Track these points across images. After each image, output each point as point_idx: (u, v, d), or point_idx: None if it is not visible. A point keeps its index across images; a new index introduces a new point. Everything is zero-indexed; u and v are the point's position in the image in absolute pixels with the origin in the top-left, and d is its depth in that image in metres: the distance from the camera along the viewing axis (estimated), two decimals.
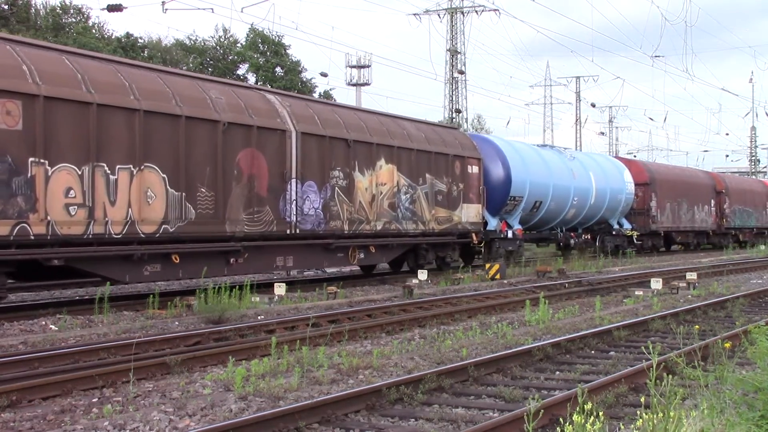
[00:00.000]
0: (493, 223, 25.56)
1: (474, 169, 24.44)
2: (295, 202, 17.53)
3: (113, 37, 49.58)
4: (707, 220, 41.76)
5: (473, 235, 24.22)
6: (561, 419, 6.26)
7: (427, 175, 22.23)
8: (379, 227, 20.19)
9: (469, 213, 24.03)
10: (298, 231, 17.66)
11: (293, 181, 17.53)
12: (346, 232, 19.15)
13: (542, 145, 32.60)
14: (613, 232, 33.39)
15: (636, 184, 34.88)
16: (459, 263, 24.03)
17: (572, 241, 31.46)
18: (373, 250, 20.21)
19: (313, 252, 18.54)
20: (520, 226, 26.87)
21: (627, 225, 34.38)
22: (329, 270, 23.31)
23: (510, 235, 26.15)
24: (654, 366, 5.53)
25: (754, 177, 66.93)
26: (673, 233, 38.66)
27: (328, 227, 18.54)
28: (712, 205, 42.63)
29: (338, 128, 19.21)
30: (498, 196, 25.70)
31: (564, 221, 30.08)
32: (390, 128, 21.35)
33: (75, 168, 13.21)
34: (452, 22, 54.56)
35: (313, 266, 20.03)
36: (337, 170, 18.96)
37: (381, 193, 20.33)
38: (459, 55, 54.71)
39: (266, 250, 17.11)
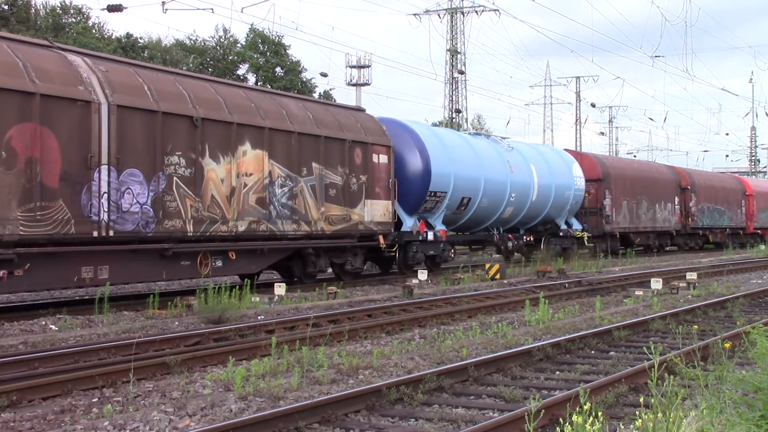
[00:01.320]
0: (408, 224, 22.04)
1: (382, 159, 20.79)
2: (106, 195, 13.72)
3: (113, 37, 49.60)
4: (670, 220, 38.07)
5: (380, 237, 20.62)
6: (561, 419, 6.27)
7: (315, 165, 18.49)
8: (242, 228, 16.40)
9: (375, 211, 20.39)
10: (111, 233, 13.85)
11: (104, 168, 13.71)
12: (190, 234, 15.33)
13: (475, 133, 29.00)
14: (561, 234, 29.66)
15: (588, 180, 31.35)
16: (362, 270, 20.99)
17: (510, 244, 27.27)
18: (234, 257, 16.31)
19: (141, 260, 14.63)
20: (443, 227, 23.21)
21: (577, 225, 30.76)
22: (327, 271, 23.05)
23: (431, 237, 22.60)
24: (656, 366, 5.53)
25: (728, 172, 62.88)
26: (631, 234, 34.76)
27: (162, 228, 14.77)
28: (677, 202, 38.80)
29: (180, 102, 15.34)
30: (415, 192, 22.09)
31: (501, 221, 26.51)
32: (261, 105, 17.46)
33: None
34: (452, 22, 54.61)
35: (143, 278, 15.59)
36: (177, 156, 15.12)
37: (245, 185, 16.52)
38: (459, 55, 54.73)
39: (62, 259, 13.24)
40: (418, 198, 22.20)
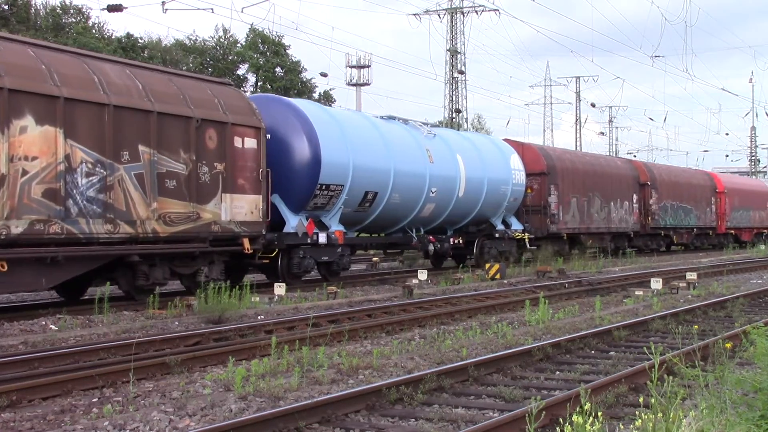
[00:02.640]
0: (293, 223, 18.25)
1: (248, 143, 16.75)
2: None
3: (113, 37, 49.61)
4: (628, 220, 34.38)
5: (244, 240, 16.63)
6: (561, 419, 6.27)
7: (143, 149, 14.53)
8: (17, 230, 12.47)
9: (238, 208, 16.44)
10: None
11: None
12: None
13: (388, 117, 23.27)
14: (497, 235, 25.73)
15: (530, 174, 27.81)
16: (221, 282, 15.05)
17: (431, 247, 23.05)
18: (5, 269, 12.32)
19: None
20: (341, 228, 19.60)
21: (517, 226, 26.92)
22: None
23: (323, 239, 18.86)
24: (656, 366, 5.53)
25: (697, 168, 58.30)
26: (582, 236, 30.94)
27: None
28: (635, 200, 35.02)
29: None
30: (301, 185, 18.40)
31: (420, 220, 22.45)
32: (58, 68, 13.50)
33: None
34: (452, 22, 54.60)
35: None
36: None
37: (24, 173, 12.62)
38: (459, 55, 54.73)
39: None
40: (304, 192, 18.48)
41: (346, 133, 19.76)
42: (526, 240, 26.95)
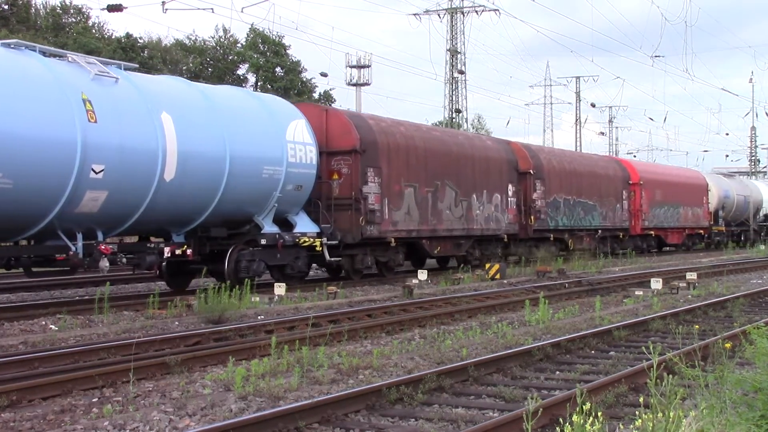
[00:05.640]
0: None
1: None
2: None
3: (113, 37, 49.63)
4: (500, 219, 25.44)
5: None
6: (561, 419, 6.27)
7: None
8: None
9: None
10: None
11: None
12: None
13: (16, 43, 14.03)
14: (263, 241, 17.34)
15: (334, 153, 19.75)
16: None
17: (105, 262, 14.23)
18: None
19: None
20: None
21: (307, 227, 18.73)
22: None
23: None
24: (655, 366, 5.53)
25: (610, 155, 47.29)
26: (423, 241, 22.15)
27: None
28: (511, 193, 26.11)
29: None
30: None
31: (77, 219, 13.96)
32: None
33: None
34: (452, 22, 54.61)
35: None
36: None
37: None
38: (459, 55, 54.74)
39: None
40: None
41: None
42: (325, 250, 18.97)
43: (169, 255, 15.72)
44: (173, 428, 6.71)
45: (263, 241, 17.39)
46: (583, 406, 4.98)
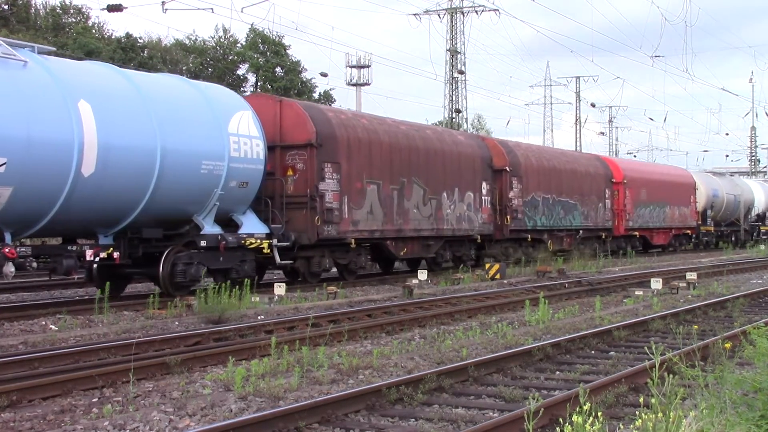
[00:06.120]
0: None
1: None
2: None
3: (113, 37, 49.63)
4: (473, 219, 24.25)
5: None
6: (561, 419, 6.27)
7: None
8: None
9: None
10: None
11: None
12: None
13: None
14: (203, 243, 15.88)
15: (288, 147, 18.56)
16: None
17: (8, 267, 12.88)
18: None
19: None
20: None
21: (257, 228, 17.30)
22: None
23: None
24: (657, 366, 5.53)
25: (587, 153, 43.16)
26: (388, 242, 20.90)
27: None
28: (485, 191, 24.96)
29: None
30: None
31: None
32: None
33: None
34: (452, 22, 54.61)
35: None
36: None
37: None
38: (459, 55, 54.75)
39: None
40: None
41: None
42: (274, 250, 17.41)
43: (92, 258, 14.28)
44: (173, 428, 6.71)
45: (203, 243, 15.96)
46: (583, 406, 4.98)
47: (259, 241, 17.03)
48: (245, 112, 17.07)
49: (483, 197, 24.83)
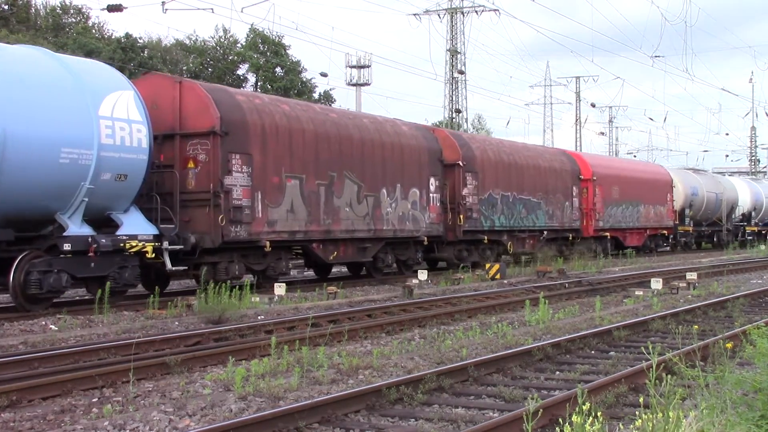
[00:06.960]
0: None
1: None
2: None
3: (113, 37, 49.62)
4: (419, 218, 22.01)
5: None
6: (560, 419, 6.27)
7: None
8: None
9: None
10: None
11: None
12: None
13: None
14: (66, 246, 13.61)
15: (188, 135, 16.37)
16: None
17: None
18: None
19: None
20: None
21: (142, 228, 15.09)
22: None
23: None
24: (654, 366, 5.53)
25: (569, 150, 39.63)
26: (313, 245, 18.77)
27: None
28: (433, 188, 22.62)
29: None
30: None
31: None
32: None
33: None
34: (452, 22, 54.60)
35: None
36: None
37: None
38: (459, 55, 54.74)
39: None
40: None
41: None
42: (165, 254, 15.27)
43: None
44: (173, 428, 6.71)
45: (66, 246, 13.55)
46: (583, 406, 4.98)
47: (142, 244, 14.74)
48: (124, 93, 14.59)
49: (431, 194, 22.54)
